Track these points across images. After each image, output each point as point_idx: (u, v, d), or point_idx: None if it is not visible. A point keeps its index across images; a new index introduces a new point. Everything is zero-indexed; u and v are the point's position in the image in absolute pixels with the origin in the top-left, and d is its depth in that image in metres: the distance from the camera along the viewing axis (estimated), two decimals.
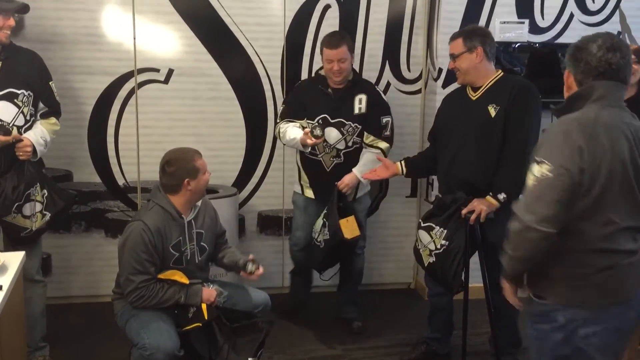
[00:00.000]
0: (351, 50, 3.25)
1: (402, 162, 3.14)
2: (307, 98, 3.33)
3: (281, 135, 3.33)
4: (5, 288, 1.95)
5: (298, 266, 3.67)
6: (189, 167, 2.57)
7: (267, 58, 3.77)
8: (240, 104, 3.79)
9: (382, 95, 3.45)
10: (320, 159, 3.31)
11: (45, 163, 3.42)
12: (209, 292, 2.61)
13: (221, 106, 3.78)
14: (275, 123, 3.55)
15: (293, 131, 3.26)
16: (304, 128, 3.25)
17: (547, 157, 1.76)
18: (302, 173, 3.44)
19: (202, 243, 2.69)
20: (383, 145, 3.30)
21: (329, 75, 3.26)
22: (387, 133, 3.32)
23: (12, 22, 2.72)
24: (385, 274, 4.18)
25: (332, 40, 3.21)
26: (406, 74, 3.95)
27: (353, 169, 3.28)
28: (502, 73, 2.85)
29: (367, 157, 3.31)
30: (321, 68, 3.35)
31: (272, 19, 3.73)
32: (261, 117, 3.85)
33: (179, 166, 2.57)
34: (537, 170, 1.78)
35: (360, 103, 3.27)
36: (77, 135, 3.63)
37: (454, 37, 2.87)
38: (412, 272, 4.21)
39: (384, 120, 3.32)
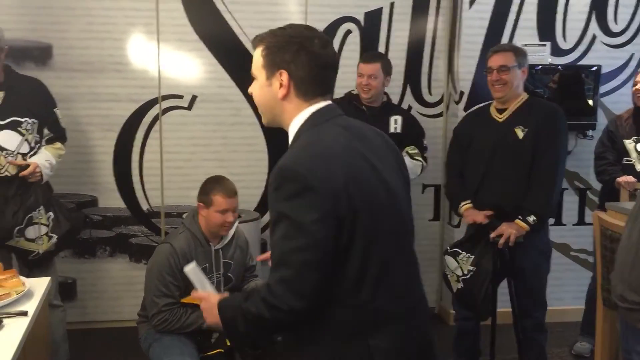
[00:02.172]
0: (386, 71, 3.23)
1: (465, 204, 2.93)
2: None
3: None
4: (30, 314, 1.97)
5: None
6: (205, 195, 2.59)
7: None
8: (262, 129, 3.82)
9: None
10: None
11: (70, 189, 3.48)
12: None
13: (243, 131, 3.81)
14: None
15: None
16: None
17: None
18: None
19: (228, 274, 2.69)
20: (424, 164, 3.33)
21: (359, 90, 3.27)
22: (426, 155, 3.37)
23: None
24: None
25: (367, 56, 3.27)
26: (427, 97, 3.95)
27: None
28: (528, 95, 2.84)
29: (407, 162, 3.25)
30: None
31: None
32: (283, 142, 3.82)
33: (202, 187, 2.61)
34: None
35: (395, 123, 3.28)
36: (102, 161, 3.69)
37: (501, 50, 2.83)
38: (436, 296, 4.16)
39: (425, 142, 3.36)
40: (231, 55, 3.75)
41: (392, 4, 3.82)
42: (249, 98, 3.82)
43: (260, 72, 1.52)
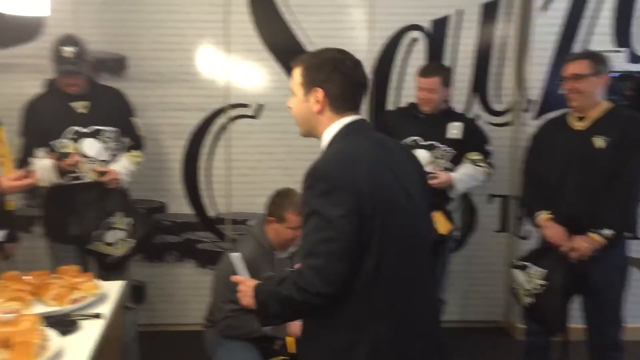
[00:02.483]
0: (445, 83, 3.19)
1: (543, 214, 2.83)
2: (395, 123, 3.29)
3: None
4: (104, 316, 2.05)
5: None
6: (278, 211, 2.62)
7: None
8: None
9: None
10: None
11: (141, 195, 3.59)
12: (296, 326, 2.62)
13: (308, 140, 3.78)
14: None
15: None
16: None
17: None
18: None
19: None
20: (489, 169, 3.24)
21: (419, 102, 3.24)
22: (490, 161, 3.27)
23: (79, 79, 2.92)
24: (472, 311, 4.04)
25: (426, 69, 3.20)
26: (495, 106, 3.86)
27: (451, 173, 3.16)
28: (612, 104, 2.72)
29: (468, 168, 3.20)
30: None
31: (358, 54, 3.73)
32: None
33: (275, 202, 2.64)
34: None
35: (455, 129, 3.21)
36: (171, 168, 3.80)
37: (578, 57, 2.74)
38: (502, 310, 4.04)
39: (489, 148, 3.28)
40: None
41: (459, 11, 3.76)
42: None
43: (299, 89, 1.73)
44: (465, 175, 3.17)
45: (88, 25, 3.41)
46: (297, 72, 1.74)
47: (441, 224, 3.16)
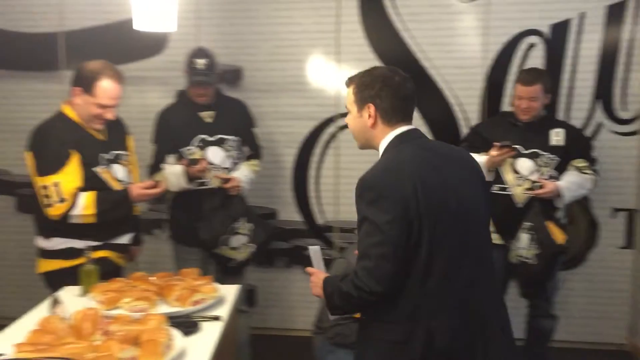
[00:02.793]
0: (546, 89, 3.07)
1: None
2: (490, 133, 3.19)
3: None
4: (223, 319, 2.13)
5: None
6: None
7: (466, 100, 3.72)
8: None
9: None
10: (511, 192, 3.12)
11: (253, 201, 3.70)
12: None
13: None
14: None
15: (475, 158, 3.14)
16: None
17: None
18: None
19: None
20: (595, 177, 3.11)
21: (516, 111, 3.13)
22: (596, 167, 3.13)
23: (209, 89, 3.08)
24: (591, 332, 3.79)
25: (526, 77, 3.07)
26: (621, 114, 3.62)
27: (557, 182, 3.05)
28: None
29: (574, 176, 3.07)
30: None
31: (472, 60, 3.69)
32: None
33: None
34: None
35: (557, 136, 3.09)
36: (282, 176, 3.90)
37: None
38: (625, 332, 3.77)
39: (594, 155, 3.15)
40: (407, 73, 3.73)
41: (582, 14, 3.57)
42: (424, 115, 3.83)
43: (353, 106, 1.89)
44: (572, 183, 3.05)
45: (208, 39, 3.57)
46: (350, 91, 1.90)
47: (556, 234, 3.04)
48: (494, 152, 3.03)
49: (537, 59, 3.62)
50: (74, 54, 3.85)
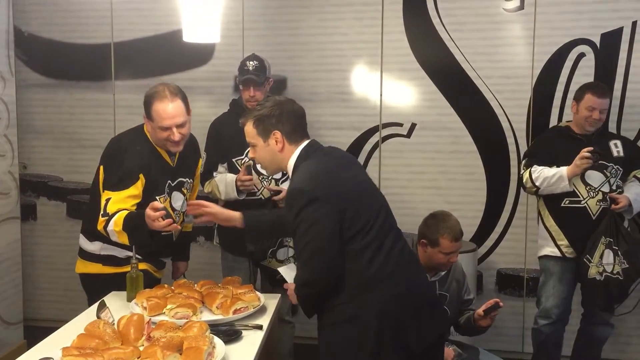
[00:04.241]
0: (611, 103, 3.16)
1: None
2: (554, 147, 3.18)
3: (535, 177, 3.13)
4: (264, 327, 2.13)
5: (542, 344, 3.29)
6: (432, 235, 2.56)
7: (512, 110, 3.66)
8: (482, 158, 3.72)
9: None
10: (585, 204, 3.09)
11: None
12: (447, 352, 2.54)
13: (462, 159, 3.74)
14: (519, 176, 3.39)
15: (551, 169, 3.11)
16: None
17: None
18: (556, 231, 3.18)
19: (444, 306, 2.63)
20: None
21: (581, 122, 3.13)
22: None
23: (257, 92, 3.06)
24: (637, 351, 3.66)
25: (600, 89, 3.11)
26: None
27: (626, 194, 3.08)
28: None
29: (638, 187, 3.11)
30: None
31: (519, 70, 3.62)
32: (503, 171, 3.71)
33: (429, 224, 2.60)
34: None
35: (617, 147, 3.14)
36: None
37: None
38: None
39: None
40: (452, 83, 3.72)
41: (634, 23, 3.46)
42: (469, 125, 3.78)
43: (257, 139, 2.09)
44: (638, 194, 3.08)
45: (253, 49, 3.60)
46: (249, 128, 2.09)
47: None
48: (584, 153, 2.98)
49: (587, 69, 3.53)
50: (124, 65, 3.96)
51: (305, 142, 2.09)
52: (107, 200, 2.42)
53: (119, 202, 2.41)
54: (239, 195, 2.97)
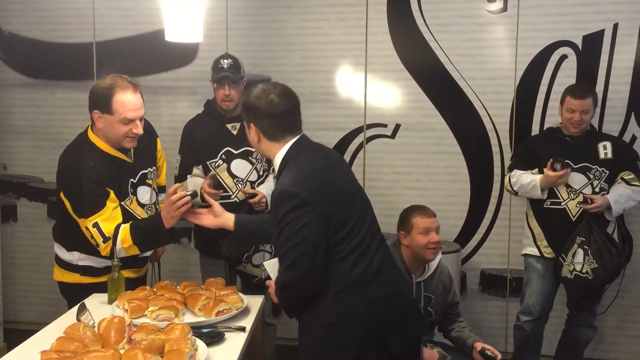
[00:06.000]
0: (595, 103, 3.14)
1: None
2: (540, 148, 3.21)
3: (513, 182, 3.20)
4: (247, 329, 2.12)
5: (524, 340, 3.34)
6: (405, 222, 2.60)
7: (495, 112, 3.68)
8: (466, 159, 3.73)
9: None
10: (565, 206, 3.11)
11: None
12: (431, 354, 2.55)
13: (446, 160, 3.75)
14: (502, 177, 3.43)
15: (528, 176, 3.16)
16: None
17: None
18: (538, 231, 3.22)
19: (429, 307, 2.63)
20: None
21: (566, 125, 3.16)
22: None
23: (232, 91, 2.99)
24: (622, 350, 3.69)
25: (578, 90, 3.12)
26: None
27: (607, 195, 3.09)
28: None
29: (622, 189, 3.11)
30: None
31: (502, 72, 3.64)
32: (487, 172, 3.73)
33: (401, 216, 2.66)
34: None
35: (605, 149, 3.14)
36: None
37: None
38: None
39: None
40: (436, 84, 3.73)
41: (615, 25, 3.50)
42: (453, 127, 3.80)
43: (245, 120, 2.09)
44: (621, 196, 3.09)
45: (237, 50, 3.59)
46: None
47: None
48: (550, 173, 3.03)
49: (569, 71, 3.56)
50: (106, 64, 3.92)
51: (294, 139, 2.02)
52: (95, 225, 2.31)
53: (109, 220, 2.33)
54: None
